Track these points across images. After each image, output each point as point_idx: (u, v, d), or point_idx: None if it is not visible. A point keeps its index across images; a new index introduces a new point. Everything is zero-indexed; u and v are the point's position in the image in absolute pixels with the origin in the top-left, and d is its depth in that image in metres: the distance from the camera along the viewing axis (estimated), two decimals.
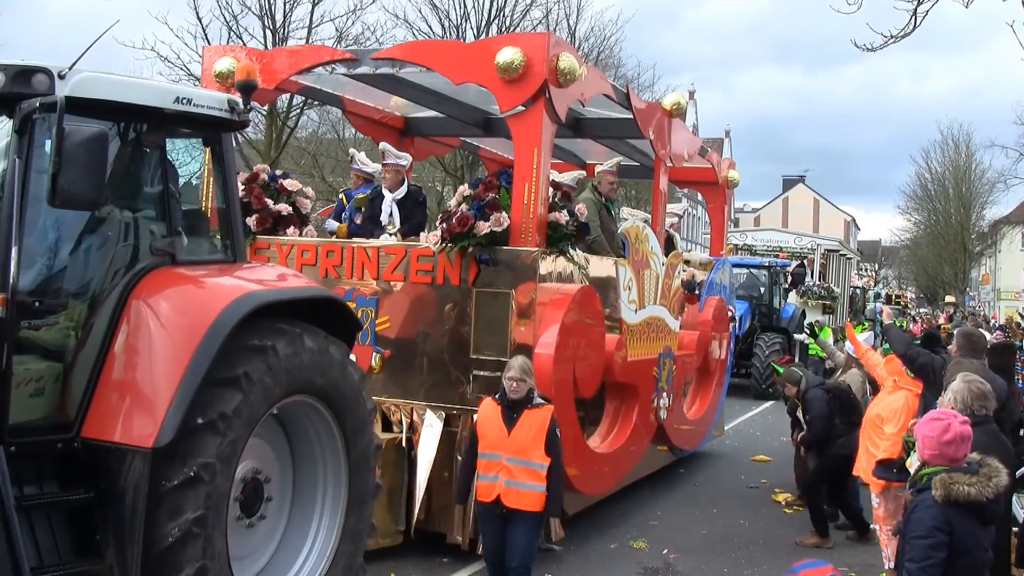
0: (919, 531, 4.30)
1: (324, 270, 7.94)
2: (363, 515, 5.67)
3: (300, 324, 5.05)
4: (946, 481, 4.28)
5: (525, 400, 5.88)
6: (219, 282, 5.01)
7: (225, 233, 5.48)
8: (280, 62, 8.19)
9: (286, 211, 8.28)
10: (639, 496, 9.90)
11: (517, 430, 5.84)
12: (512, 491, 5.81)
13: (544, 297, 7.35)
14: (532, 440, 5.81)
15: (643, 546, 8.25)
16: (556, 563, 7.60)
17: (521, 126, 7.41)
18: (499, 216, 7.20)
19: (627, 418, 8.95)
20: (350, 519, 5.56)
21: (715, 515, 9.59)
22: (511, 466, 5.81)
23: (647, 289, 9.46)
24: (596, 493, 8.56)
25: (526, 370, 5.88)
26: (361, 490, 5.63)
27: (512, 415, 5.87)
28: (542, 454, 5.82)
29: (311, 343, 5.03)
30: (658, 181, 9.99)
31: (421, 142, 11.36)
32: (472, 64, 7.46)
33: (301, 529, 5.54)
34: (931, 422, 4.52)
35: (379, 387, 7.71)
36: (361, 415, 5.51)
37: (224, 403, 4.58)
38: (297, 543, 5.50)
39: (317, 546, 5.51)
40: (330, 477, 5.55)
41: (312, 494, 5.58)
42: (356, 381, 5.43)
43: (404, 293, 7.68)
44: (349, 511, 5.55)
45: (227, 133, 5.44)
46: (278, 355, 4.79)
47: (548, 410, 5.94)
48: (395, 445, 7.48)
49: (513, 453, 5.82)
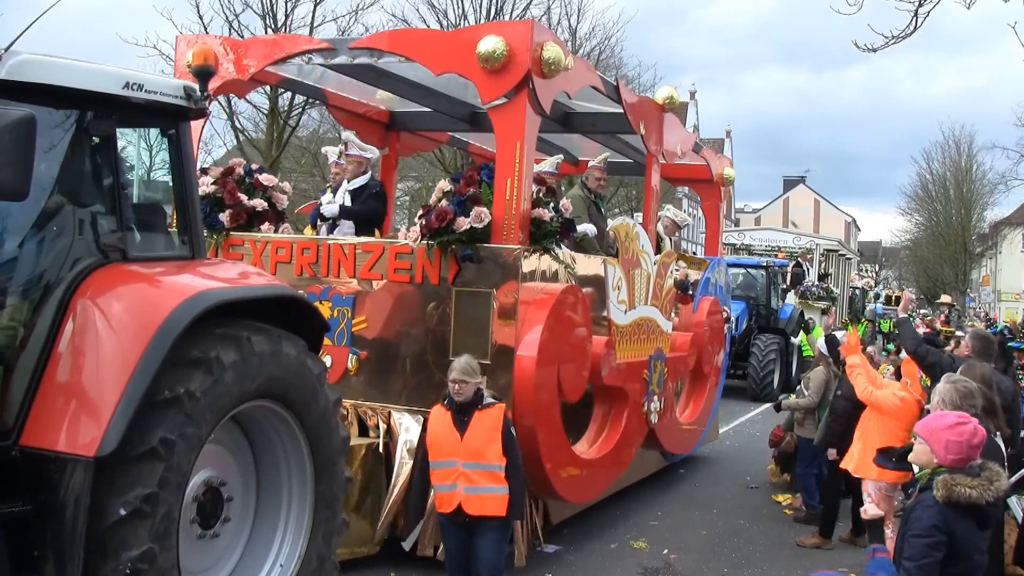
0: (918, 530, 4.26)
1: (299, 268, 7.64)
2: (334, 512, 5.41)
3: (253, 324, 4.74)
4: (948, 482, 4.24)
5: (474, 401, 5.64)
6: (172, 280, 4.71)
7: (183, 228, 5.17)
8: (256, 52, 7.87)
9: (261, 207, 7.97)
10: (639, 496, 9.87)
11: (470, 433, 5.60)
12: (474, 498, 5.57)
13: (527, 297, 7.04)
14: (486, 441, 5.58)
15: (643, 546, 8.20)
16: (556, 563, 7.56)
17: (503, 118, 7.11)
18: (480, 212, 6.89)
19: (616, 422, 8.64)
20: (319, 518, 5.31)
21: (715, 515, 9.54)
22: (469, 471, 5.57)
23: (638, 289, 9.15)
24: (583, 500, 8.26)
25: (468, 370, 5.63)
26: (330, 488, 5.36)
27: (463, 418, 5.63)
28: (498, 454, 5.58)
29: (266, 345, 4.72)
30: (650, 178, 9.69)
31: (407, 137, 11.04)
32: (452, 54, 7.15)
33: (267, 534, 5.25)
34: (956, 427, 4.39)
35: (356, 390, 7.42)
36: (323, 413, 5.22)
37: (174, 408, 4.28)
38: (264, 548, 5.23)
39: (286, 548, 5.25)
40: (295, 479, 5.27)
41: (277, 498, 5.30)
42: (315, 377, 5.12)
43: (382, 292, 7.38)
44: (318, 510, 5.30)
45: (185, 122, 5.13)
46: (223, 365, 4.47)
47: (500, 408, 5.70)
48: (372, 450, 7.18)
49: (469, 457, 5.58)
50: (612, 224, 8.97)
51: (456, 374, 5.65)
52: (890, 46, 9.74)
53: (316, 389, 5.16)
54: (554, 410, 7.27)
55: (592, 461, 8.11)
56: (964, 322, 30.18)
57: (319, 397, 5.19)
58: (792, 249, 25.59)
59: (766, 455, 12.53)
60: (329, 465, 5.37)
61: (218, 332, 4.58)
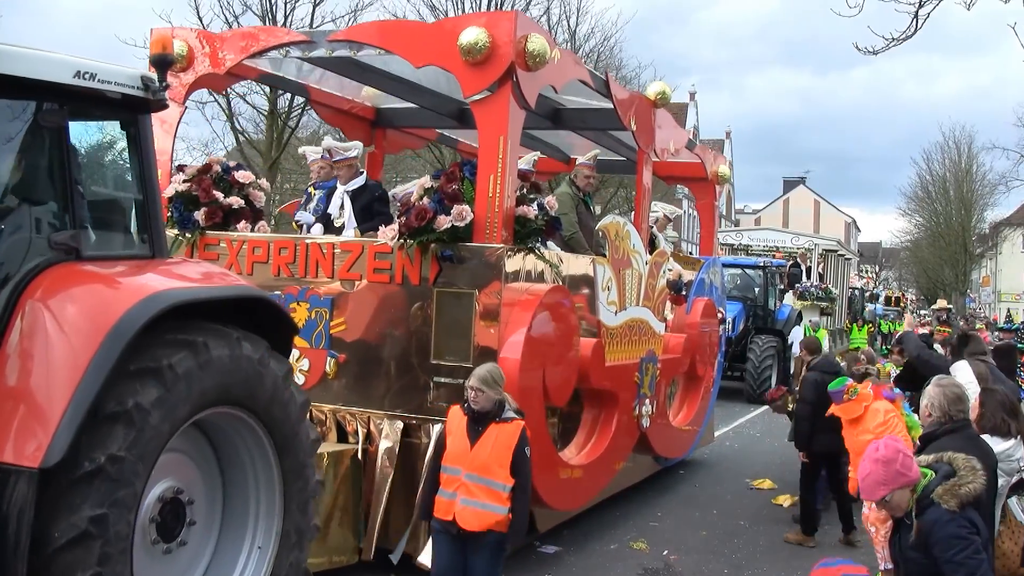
0: (957, 546, 4.13)
1: (277, 268, 7.39)
2: (305, 516, 5.16)
3: (211, 327, 4.49)
4: (952, 489, 4.22)
5: (493, 413, 5.29)
6: (126, 280, 4.46)
7: (143, 226, 4.92)
8: (232, 45, 7.61)
9: (237, 204, 7.71)
10: (639, 497, 9.85)
11: (480, 445, 5.25)
12: (469, 512, 5.22)
13: (511, 298, 6.79)
14: (495, 457, 5.22)
15: (643, 547, 8.16)
16: (556, 564, 7.52)
17: (486, 112, 6.85)
18: (461, 209, 6.64)
19: (606, 427, 8.39)
20: (289, 525, 5.07)
21: (715, 516, 9.51)
22: (470, 484, 5.24)
23: (628, 289, 8.89)
24: (570, 508, 8.00)
25: (488, 380, 5.28)
26: (301, 493, 5.12)
27: (477, 428, 5.29)
28: (506, 474, 5.22)
29: (225, 348, 4.47)
30: (641, 175, 9.42)
31: (393, 134, 10.79)
32: (434, 46, 6.89)
33: (235, 543, 5.01)
34: (862, 464, 4.39)
35: (334, 394, 7.18)
36: (290, 416, 4.97)
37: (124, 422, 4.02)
38: (231, 558, 4.99)
39: (254, 558, 5.01)
40: (262, 485, 5.03)
41: (244, 505, 5.05)
42: (280, 379, 4.86)
43: (361, 293, 7.12)
44: (288, 517, 5.05)
45: (144, 115, 4.88)
46: (176, 373, 4.21)
47: (518, 426, 5.33)
48: (351, 457, 6.93)
49: (473, 470, 5.24)
50: (602, 223, 8.71)
51: (473, 380, 5.32)
52: (891, 48, 9.79)
53: (281, 392, 4.90)
54: (539, 415, 7.01)
55: (580, 467, 7.85)
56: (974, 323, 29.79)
57: (284, 400, 4.94)
58: (790, 249, 25.32)
59: (766, 456, 12.77)
60: (298, 469, 5.13)
61: (171, 338, 4.32)
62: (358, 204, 7.80)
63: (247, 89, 23.72)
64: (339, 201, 7.84)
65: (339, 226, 7.75)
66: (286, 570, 5.07)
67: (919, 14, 9.56)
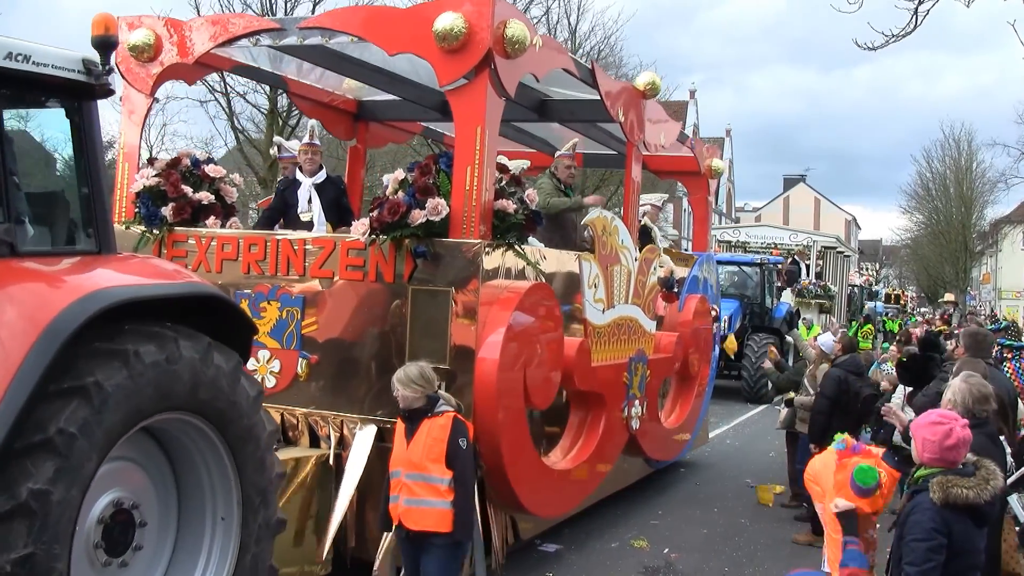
0: (918, 534, 4.25)
1: (246, 265, 7.07)
2: (267, 511, 4.90)
3: (148, 330, 4.18)
4: (944, 484, 4.26)
5: (424, 410, 5.25)
6: (65, 278, 4.16)
7: (88, 220, 4.61)
8: (201, 34, 7.29)
9: (207, 200, 7.40)
10: (640, 495, 9.86)
11: (413, 442, 5.24)
12: (412, 511, 5.18)
13: (489, 296, 6.48)
14: (427, 451, 5.17)
15: (644, 545, 8.18)
16: (557, 562, 7.53)
17: (463, 101, 6.53)
18: (437, 203, 6.33)
19: (592, 430, 8.07)
20: (250, 522, 4.80)
21: (716, 514, 9.53)
22: (409, 483, 5.20)
23: (617, 287, 8.59)
24: (554, 515, 7.70)
25: (403, 379, 5.29)
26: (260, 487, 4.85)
27: (411, 427, 5.28)
28: (442, 467, 5.15)
29: (167, 350, 4.16)
30: (630, 168, 9.11)
31: (376, 128, 10.46)
32: (408, 32, 6.57)
33: (190, 558, 4.72)
34: (933, 425, 4.45)
35: (306, 397, 6.87)
36: (244, 418, 4.68)
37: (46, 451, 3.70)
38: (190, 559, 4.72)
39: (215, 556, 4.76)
40: (217, 483, 4.75)
41: (200, 517, 4.76)
42: (227, 373, 4.55)
43: (333, 291, 6.81)
44: (247, 513, 4.79)
45: (89, 101, 4.57)
46: (103, 389, 3.88)
47: (449, 417, 5.27)
48: (322, 462, 6.62)
49: (410, 468, 5.21)
50: (589, 217, 8.40)
51: (393, 380, 5.31)
52: (890, 44, 9.92)
53: (229, 388, 4.59)
54: (519, 418, 6.70)
55: (565, 472, 7.55)
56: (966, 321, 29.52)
57: (234, 395, 4.63)
58: (789, 246, 24.98)
59: (767, 454, 12.76)
60: (256, 464, 4.84)
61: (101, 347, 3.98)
62: (325, 198, 7.50)
63: (248, 88, 23.55)
64: (306, 195, 7.53)
65: (306, 221, 7.44)
66: (248, 567, 4.80)
67: (918, 11, 9.63)
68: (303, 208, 7.55)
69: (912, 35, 9.87)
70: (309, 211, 7.52)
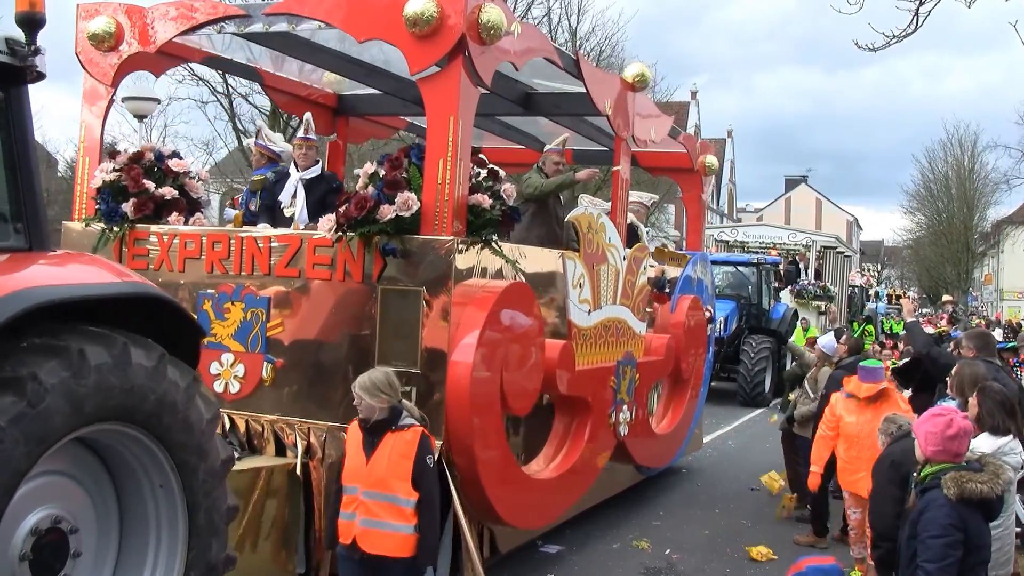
0: (934, 531, 4.26)
1: (210, 264, 6.72)
2: (216, 546, 4.50)
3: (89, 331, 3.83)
4: (959, 479, 4.29)
5: (388, 421, 4.86)
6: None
7: (17, 214, 4.25)
8: (163, 22, 6.93)
9: (170, 195, 7.04)
10: (641, 496, 9.87)
11: (375, 458, 4.82)
12: (371, 533, 4.78)
13: (463, 296, 6.12)
14: (393, 470, 4.78)
15: (646, 546, 8.18)
16: (558, 564, 7.51)
17: (434, 90, 6.17)
18: (407, 198, 5.97)
19: (577, 437, 7.70)
20: (196, 557, 4.41)
21: (717, 515, 9.52)
22: (368, 502, 4.80)
23: (604, 287, 8.23)
24: (535, 526, 7.34)
25: (367, 386, 4.89)
26: (210, 521, 4.46)
27: (372, 440, 4.86)
28: (408, 488, 4.78)
29: (105, 356, 3.80)
30: (618, 163, 8.74)
31: (357, 123, 10.10)
32: (377, 17, 6.20)
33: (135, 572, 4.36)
34: (933, 418, 4.54)
35: (272, 403, 6.52)
36: (192, 431, 4.31)
37: None
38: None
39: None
40: (163, 511, 4.36)
41: (144, 535, 4.38)
42: (180, 390, 4.19)
43: (300, 291, 6.46)
44: (194, 547, 4.40)
45: (17, 86, 4.21)
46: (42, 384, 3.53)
47: (416, 432, 4.88)
48: (288, 472, 6.26)
49: (371, 486, 4.80)
50: (573, 213, 8.05)
51: (355, 388, 4.91)
52: (891, 45, 9.69)
53: (181, 405, 4.24)
54: (496, 425, 6.34)
55: (547, 482, 7.18)
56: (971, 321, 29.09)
57: (186, 414, 4.28)
58: (788, 246, 24.57)
59: (767, 456, 12.47)
60: (206, 493, 4.47)
61: (40, 343, 3.65)
62: (313, 196, 7.14)
63: (249, 89, 23.29)
64: (292, 189, 7.18)
65: (289, 216, 7.09)
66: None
67: (919, 11, 9.40)
68: (286, 202, 7.20)
69: (917, 36, 9.69)
70: (292, 206, 7.16)
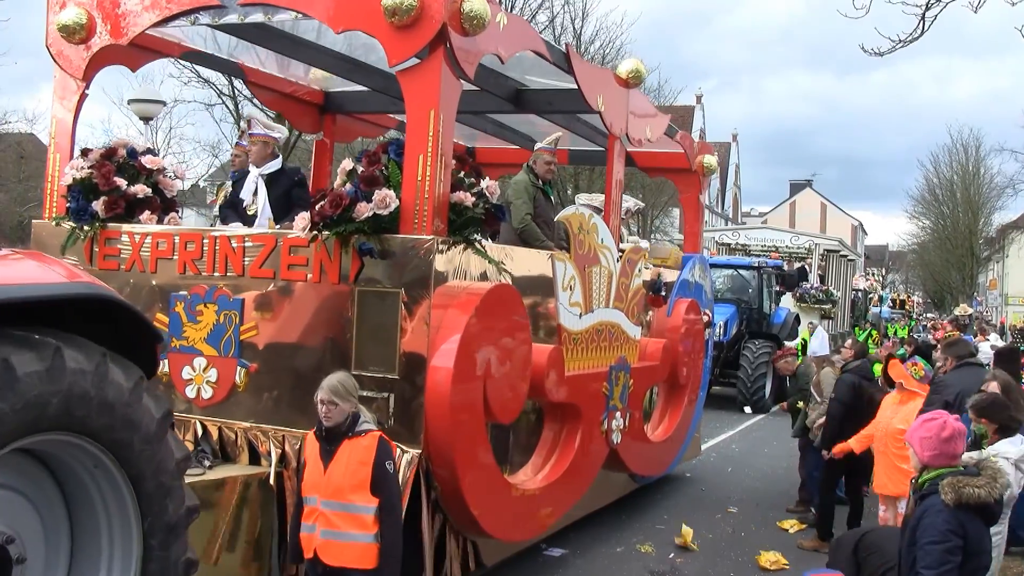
0: (933, 536, 4.24)
1: (183, 264, 6.45)
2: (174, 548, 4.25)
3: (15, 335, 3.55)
4: (955, 484, 4.28)
5: (345, 428, 4.68)
6: None
7: None
8: (136, 13, 6.65)
9: (143, 193, 6.78)
10: (645, 500, 9.89)
11: (333, 466, 4.65)
12: (332, 545, 4.59)
13: (444, 298, 5.83)
14: (350, 477, 4.59)
15: (649, 550, 8.17)
16: (562, 567, 7.52)
17: (414, 83, 5.89)
18: (385, 195, 5.70)
19: (567, 445, 7.43)
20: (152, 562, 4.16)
21: (721, 519, 9.49)
22: (328, 512, 4.62)
23: (596, 289, 7.94)
24: (522, 538, 7.04)
25: (339, 390, 4.72)
26: (166, 524, 4.19)
27: (329, 448, 4.68)
28: (367, 495, 4.59)
29: (29, 365, 3.52)
30: (612, 162, 8.47)
31: (345, 121, 9.83)
32: (355, 7, 5.94)
33: None
34: (926, 424, 4.57)
35: (246, 409, 6.25)
36: (143, 436, 4.04)
37: None
38: None
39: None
40: (115, 518, 4.11)
41: (96, 548, 4.13)
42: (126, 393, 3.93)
43: (274, 293, 6.18)
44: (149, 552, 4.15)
45: None
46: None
47: (373, 437, 4.71)
48: (261, 481, 5.99)
49: (329, 495, 4.62)
50: (563, 213, 7.77)
51: (324, 393, 4.70)
52: (898, 49, 9.67)
53: (126, 407, 3.96)
54: (478, 433, 6.06)
55: (535, 492, 6.89)
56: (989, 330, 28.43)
57: (133, 416, 4.00)
58: (790, 249, 24.28)
59: (771, 460, 12.62)
60: (161, 496, 4.20)
61: None
62: (274, 191, 6.87)
63: None
64: (252, 186, 6.91)
65: (252, 214, 6.83)
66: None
67: (926, 16, 9.35)
68: (248, 200, 6.93)
69: (925, 40, 9.76)
70: (254, 204, 6.89)
